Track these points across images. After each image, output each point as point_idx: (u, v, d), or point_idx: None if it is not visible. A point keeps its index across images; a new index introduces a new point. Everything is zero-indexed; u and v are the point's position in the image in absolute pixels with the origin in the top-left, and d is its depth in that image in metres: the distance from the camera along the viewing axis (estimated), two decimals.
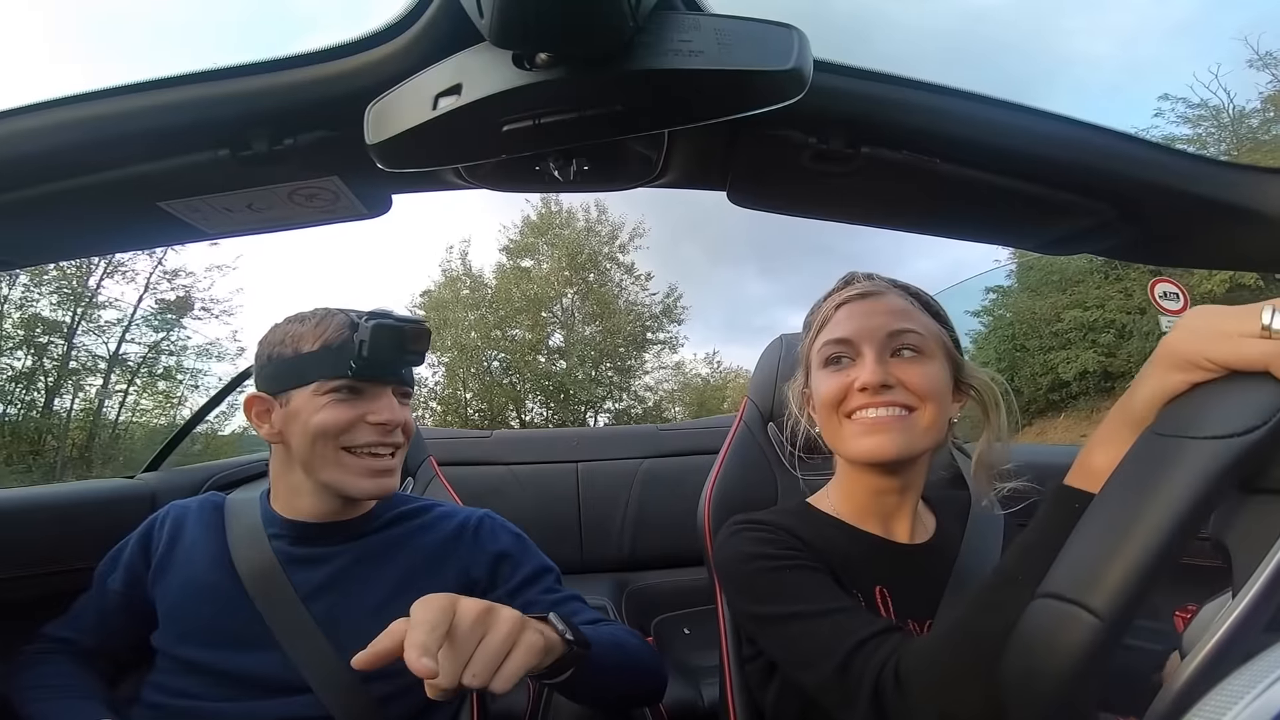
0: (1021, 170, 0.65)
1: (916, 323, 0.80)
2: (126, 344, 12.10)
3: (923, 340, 0.79)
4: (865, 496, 0.84)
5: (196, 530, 0.93)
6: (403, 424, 0.91)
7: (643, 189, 0.74)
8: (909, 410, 0.77)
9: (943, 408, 0.78)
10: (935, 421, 0.77)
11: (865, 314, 0.81)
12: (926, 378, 0.77)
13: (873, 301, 0.82)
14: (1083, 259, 9.23)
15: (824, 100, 0.55)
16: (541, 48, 0.43)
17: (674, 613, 1.92)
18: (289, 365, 0.88)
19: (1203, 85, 12.65)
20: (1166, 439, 0.43)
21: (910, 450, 0.77)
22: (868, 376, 0.76)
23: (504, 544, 1.00)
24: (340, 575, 0.91)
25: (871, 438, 0.77)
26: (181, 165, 0.59)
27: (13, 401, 11.13)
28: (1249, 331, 0.41)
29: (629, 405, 18.89)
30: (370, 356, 0.85)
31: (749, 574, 0.78)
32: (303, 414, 0.87)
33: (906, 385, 0.77)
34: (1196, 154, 0.67)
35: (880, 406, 0.77)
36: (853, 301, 0.83)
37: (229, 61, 0.53)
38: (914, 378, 0.77)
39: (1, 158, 0.56)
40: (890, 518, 0.84)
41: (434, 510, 1.01)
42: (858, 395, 0.78)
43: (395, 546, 0.95)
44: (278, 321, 0.94)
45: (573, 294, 18.42)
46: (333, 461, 0.87)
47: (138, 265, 12.00)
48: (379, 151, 0.50)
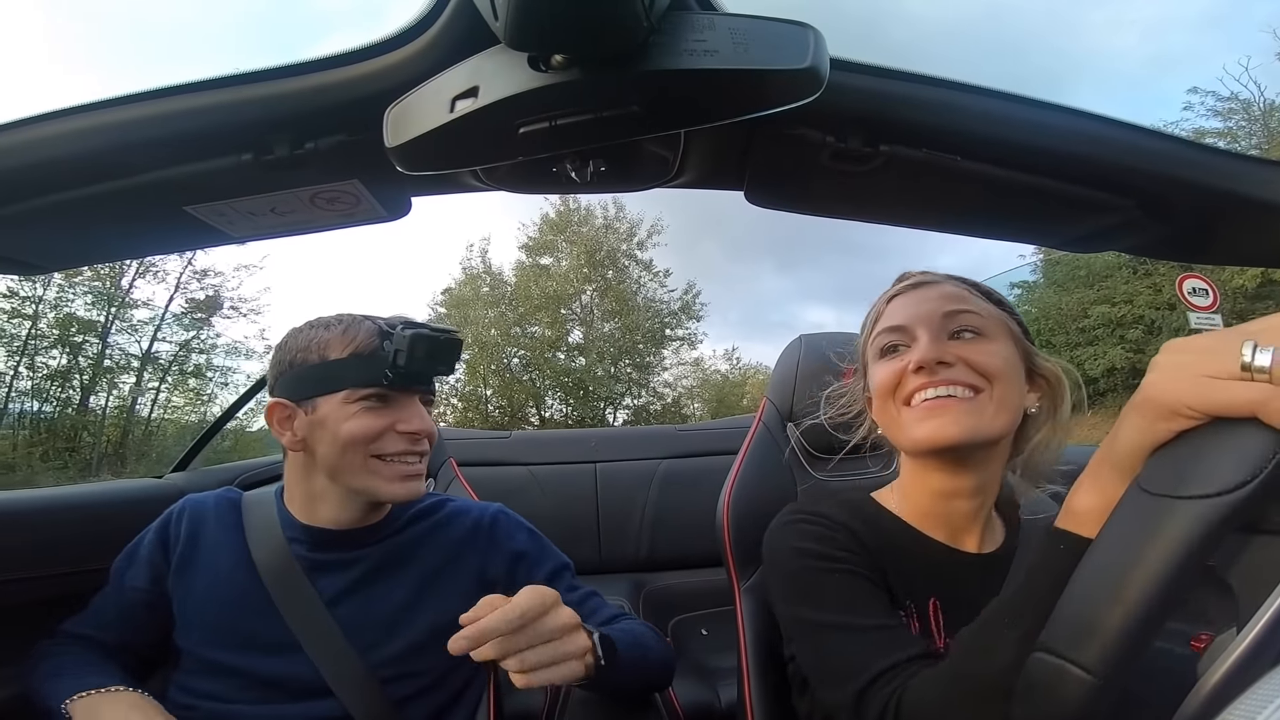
0: (1045, 167, 0.63)
1: (974, 305, 0.75)
2: (158, 342, 12.41)
3: (982, 321, 0.74)
4: (930, 500, 0.77)
5: (217, 531, 0.93)
6: (430, 432, 0.92)
7: (660, 189, 0.74)
8: (974, 391, 0.70)
9: (1013, 390, 0.72)
10: (1005, 403, 0.70)
11: (918, 300, 0.77)
12: (990, 355, 0.71)
13: (925, 289, 0.78)
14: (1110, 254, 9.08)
15: (841, 98, 0.55)
16: (556, 49, 0.43)
17: (691, 613, 1.92)
18: (315, 372, 0.87)
19: (1233, 78, 12.35)
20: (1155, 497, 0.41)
21: (977, 434, 0.69)
22: (921, 353, 0.71)
23: (520, 543, 1.01)
24: (362, 580, 0.91)
25: (931, 420, 0.71)
26: (207, 170, 0.60)
27: (49, 399, 11.46)
28: (1229, 373, 0.39)
29: (648, 402, 18.90)
30: (405, 366, 0.85)
31: (795, 571, 0.75)
32: (331, 422, 0.86)
33: (968, 362, 0.71)
34: (1225, 149, 0.65)
35: (940, 385, 0.71)
36: (905, 292, 0.80)
37: (249, 66, 0.54)
38: (976, 355, 0.71)
39: (31, 163, 0.57)
40: (959, 525, 0.77)
41: (446, 507, 1.02)
42: (913, 378, 0.72)
43: (413, 548, 0.96)
44: (297, 326, 0.93)
45: (591, 291, 18.46)
46: (362, 469, 0.87)
47: (168, 265, 12.30)
48: (398, 154, 0.50)
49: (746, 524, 1.08)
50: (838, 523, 0.77)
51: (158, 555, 0.93)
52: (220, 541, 0.92)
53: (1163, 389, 0.42)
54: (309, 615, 0.87)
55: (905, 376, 0.73)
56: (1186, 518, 0.39)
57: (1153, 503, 0.41)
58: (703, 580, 1.95)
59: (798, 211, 0.75)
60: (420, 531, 0.97)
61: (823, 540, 0.75)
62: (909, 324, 0.76)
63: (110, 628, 0.93)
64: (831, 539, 0.75)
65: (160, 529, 0.95)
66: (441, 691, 0.92)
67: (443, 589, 0.94)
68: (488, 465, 2.09)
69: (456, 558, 0.97)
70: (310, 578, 0.89)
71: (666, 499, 2.09)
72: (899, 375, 0.74)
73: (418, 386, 0.90)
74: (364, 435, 0.86)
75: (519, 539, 1.01)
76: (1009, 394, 0.71)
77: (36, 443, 10.93)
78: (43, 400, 11.35)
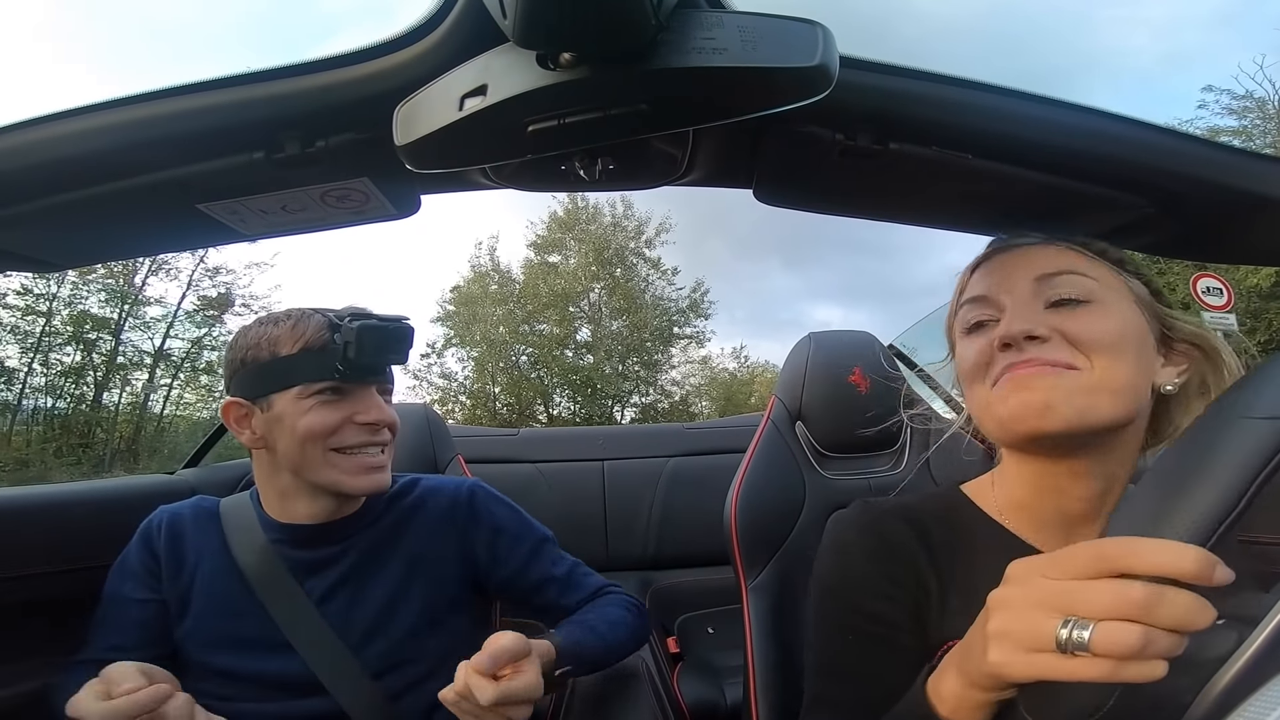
0: (1057, 165, 0.63)
1: (1079, 266, 0.63)
2: (171, 339, 12.54)
3: (1090, 286, 0.61)
4: (1034, 497, 0.65)
5: (197, 539, 0.92)
6: (389, 422, 0.91)
7: (668, 187, 0.74)
8: (1076, 371, 0.58)
9: (1127, 365, 0.59)
10: (1115, 382, 0.58)
11: (1006, 266, 0.66)
12: (1095, 324, 0.59)
13: (1016, 252, 0.66)
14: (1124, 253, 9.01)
15: (851, 96, 0.54)
16: (565, 47, 0.43)
17: (698, 611, 1.91)
18: (267, 369, 0.87)
19: (1248, 76, 12.22)
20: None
21: (1073, 415, 0.56)
22: (1006, 325, 0.60)
23: (500, 517, 1.00)
24: (349, 575, 0.91)
25: (1015, 395, 0.59)
26: (218, 168, 0.60)
27: (63, 396, 11.60)
28: (1044, 645, 0.39)
29: (656, 400, 18.95)
30: (355, 358, 0.84)
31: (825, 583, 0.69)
32: (287, 418, 0.86)
33: (1065, 334, 0.59)
34: (1240, 148, 0.64)
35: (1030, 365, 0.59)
36: (993, 257, 0.68)
37: (258, 65, 0.54)
38: (1075, 325, 0.59)
39: (45, 162, 0.58)
40: (1074, 528, 0.63)
41: (420, 485, 1.01)
42: (1002, 355, 0.61)
43: (395, 535, 0.95)
44: (246, 325, 0.92)
45: (600, 289, 18.51)
46: (323, 462, 0.87)
47: (181, 263, 12.47)
48: (407, 152, 0.51)
49: (754, 523, 1.08)
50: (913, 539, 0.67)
51: (150, 563, 0.92)
52: (202, 549, 0.92)
53: (993, 663, 0.42)
54: (298, 615, 0.87)
55: (994, 356, 0.62)
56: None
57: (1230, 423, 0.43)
58: (710, 578, 1.94)
59: (807, 210, 0.75)
60: (398, 516, 0.97)
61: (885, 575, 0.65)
62: (993, 294, 0.64)
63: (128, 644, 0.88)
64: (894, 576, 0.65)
65: (143, 540, 0.94)
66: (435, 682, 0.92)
67: (428, 573, 0.94)
68: (495, 462, 2.10)
69: (437, 539, 0.96)
70: (297, 578, 0.89)
71: (674, 497, 2.09)
72: (986, 353, 0.62)
73: (373, 377, 0.90)
74: (321, 429, 0.86)
75: (498, 513, 1.01)
76: (1121, 370, 0.58)
77: (50, 438, 11.07)
78: (57, 396, 11.49)
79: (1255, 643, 0.38)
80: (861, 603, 0.65)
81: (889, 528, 0.68)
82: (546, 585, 0.99)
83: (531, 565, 0.99)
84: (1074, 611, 0.38)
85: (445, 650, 0.90)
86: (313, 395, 0.86)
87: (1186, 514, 0.42)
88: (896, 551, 0.66)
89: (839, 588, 0.67)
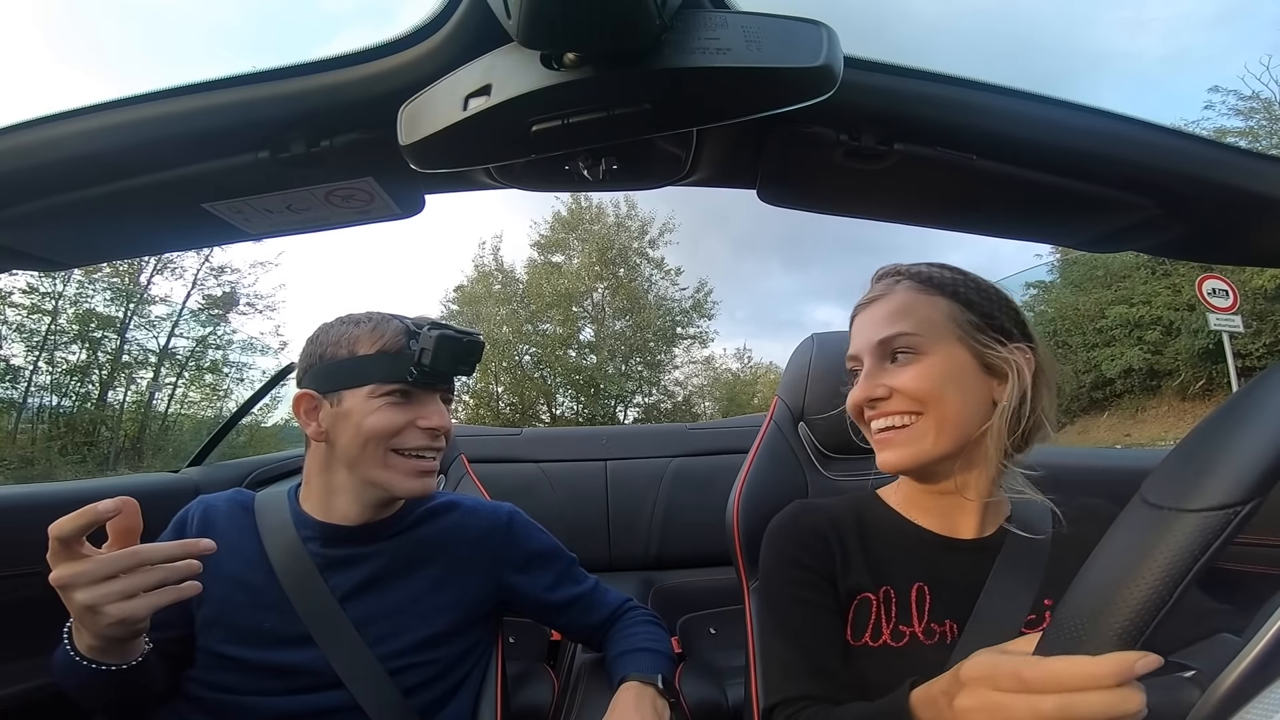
0: (1062, 166, 0.62)
1: (912, 318, 0.77)
2: (175, 338, 12.58)
3: (917, 339, 0.76)
4: (921, 495, 0.83)
5: (229, 531, 0.94)
6: (449, 429, 0.95)
7: (672, 187, 0.74)
8: (915, 416, 0.75)
9: (954, 403, 0.74)
10: (947, 420, 0.74)
11: (864, 324, 0.81)
12: (920, 378, 0.75)
13: (873, 308, 0.81)
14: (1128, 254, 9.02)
15: (855, 96, 0.54)
16: (569, 47, 0.43)
17: (700, 612, 1.91)
18: (343, 366, 0.90)
19: (1254, 77, 12.17)
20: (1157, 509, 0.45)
21: (922, 459, 0.75)
22: (854, 394, 0.79)
23: (536, 543, 1.06)
24: (375, 577, 0.93)
25: (882, 453, 0.77)
26: (224, 167, 0.60)
27: (68, 394, 11.64)
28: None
29: (659, 400, 18.95)
30: (430, 365, 0.88)
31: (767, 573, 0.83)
32: (355, 414, 0.89)
33: (902, 391, 0.75)
34: (1246, 149, 0.64)
35: (880, 418, 0.77)
36: (860, 312, 0.84)
37: (262, 65, 0.54)
38: (906, 381, 0.75)
39: (50, 161, 0.58)
40: (951, 514, 0.81)
41: (460, 507, 1.05)
42: (867, 408, 0.79)
43: (427, 546, 0.98)
44: (328, 322, 0.96)
45: (603, 289, 18.51)
46: (380, 462, 0.90)
47: (186, 262, 12.50)
48: (411, 152, 0.51)
49: (756, 523, 1.07)
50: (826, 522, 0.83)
51: None
52: (235, 542, 0.93)
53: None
54: (322, 610, 0.89)
55: (862, 405, 0.80)
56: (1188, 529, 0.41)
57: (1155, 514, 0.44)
58: (712, 579, 1.94)
59: (811, 210, 0.75)
60: (434, 529, 1.00)
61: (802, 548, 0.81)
62: (858, 353, 0.81)
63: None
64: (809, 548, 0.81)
65: (177, 528, 0.96)
66: (448, 680, 0.95)
67: (455, 587, 0.97)
68: (499, 462, 2.10)
69: (471, 555, 0.99)
70: (323, 575, 0.91)
71: (677, 497, 2.09)
72: (857, 404, 0.80)
73: (440, 385, 0.93)
74: (386, 429, 0.89)
75: (535, 539, 1.06)
76: (950, 410, 0.74)
77: (55, 436, 11.11)
78: (62, 395, 11.53)
79: (1259, 645, 0.37)
80: (788, 573, 0.80)
81: (806, 518, 0.84)
82: (571, 605, 1.05)
83: (558, 588, 1.04)
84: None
85: (458, 657, 0.95)
86: (383, 396, 0.89)
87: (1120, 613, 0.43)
88: (811, 534, 0.82)
89: (776, 568, 0.82)
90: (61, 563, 0.67)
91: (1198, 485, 0.44)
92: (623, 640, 1.02)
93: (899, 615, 0.76)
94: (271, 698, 0.86)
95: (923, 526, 0.81)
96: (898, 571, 0.78)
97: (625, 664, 0.96)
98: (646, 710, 0.88)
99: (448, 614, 0.95)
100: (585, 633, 1.07)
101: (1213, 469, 0.43)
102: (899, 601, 0.77)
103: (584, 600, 1.05)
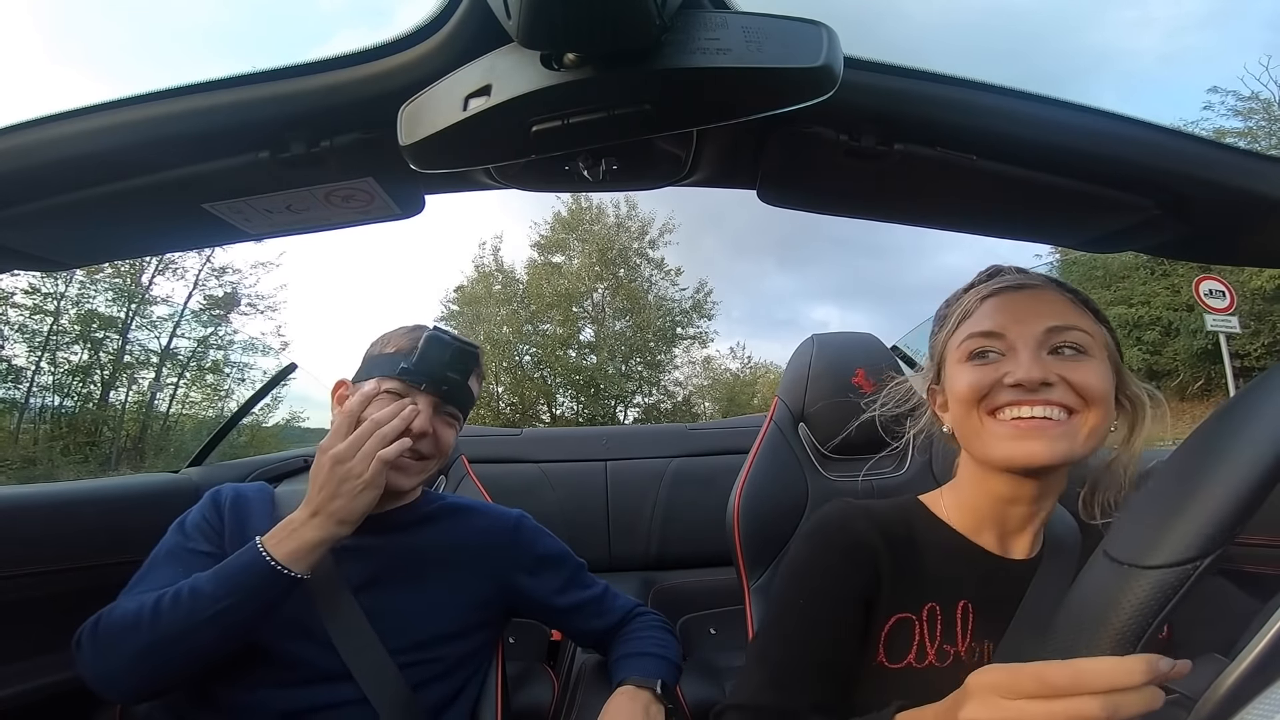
0: (1063, 166, 0.62)
1: (1080, 320, 0.72)
2: (177, 339, 12.58)
3: (1087, 339, 0.70)
4: (989, 504, 0.76)
5: (261, 520, 0.95)
6: (436, 438, 0.95)
7: (672, 187, 0.74)
8: (1068, 412, 0.68)
9: (1108, 413, 0.70)
10: (1098, 429, 0.69)
11: (1019, 306, 0.73)
12: (1093, 375, 0.68)
13: (1029, 294, 0.74)
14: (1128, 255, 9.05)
15: (855, 96, 0.54)
16: (569, 48, 0.43)
17: (700, 612, 1.91)
18: (371, 360, 0.98)
19: (1253, 77, 12.17)
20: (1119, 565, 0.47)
21: (1069, 459, 0.68)
22: (1024, 372, 0.68)
23: (544, 547, 1.07)
24: (386, 569, 0.95)
25: (1025, 443, 0.68)
26: (224, 168, 0.60)
27: (70, 394, 11.64)
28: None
29: (659, 400, 18.95)
30: (416, 364, 0.92)
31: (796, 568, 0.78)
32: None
33: (1070, 384, 0.68)
34: (1247, 149, 0.64)
35: (1036, 405, 0.68)
36: (1004, 293, 0.75)
37: (263, 65, 0.54)
38: (1078, 375, 0.68)
39: (50, 161, 0.58)
40: (1011, 531, 0.76)
41: (470, 510, 1.07)
42: (1007, 391, 0.69)
43: (436, 547, 0.99)
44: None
45: (603, 289, 18.52)
46: None
47: (187, 263, 12.53)
48: (412, 153, 0.51)
49: (757, 523, 1.08)
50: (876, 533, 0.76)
51: (216, 521, 0.95)
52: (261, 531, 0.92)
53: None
54: (336, 603, 0.90)
55: (997, 388, 0.70)
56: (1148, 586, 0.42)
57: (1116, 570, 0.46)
58: (712, 579, 1.94)
59: (811, 210, 0.75)
60: (443, 531, 1.01)
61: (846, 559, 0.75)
62: (1006, 332, 0.71)
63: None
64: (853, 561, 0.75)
65: (211, 502, 0.98)
66: (452, 680, 0.96)
67: (464, 586, 0.98)
68: (499, 462, 2.10)
69: (480, 557, 1.01)
70: (337, 562, 0.92)
71: (677, 497, 2.09)
72: (990, 385, 0.71)
73: (428, 387, 0.94)
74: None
75: (544, 543, 1.08)
76: (1104, 419, 0.69)
77: (57, 437, 11.11)
78: (64, 395, 11.53)
79: (1259, 646, 0.37)
80: (822, 583, 0.75)
81: (857, 525, 0.77)
82: (579, 610, 1.06)
83: (566, 592, 1.05)
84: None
85: (463, 657, 0.97)
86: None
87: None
88: (860, 544, 0.75)
89: (806, 572, 0.77)
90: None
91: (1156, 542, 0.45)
92: (628, 644, 1.02)
93: (944, 634, 0.73)
94: (280, 689, 0.86)
95: (975, 543, 0.77)
96: (945, 589, 0.74)
97: (625, 667, 0.97)
98: (638, 715, 0.88)
99: (456, 614, 0.96)
100: (594, 638, 1.08)
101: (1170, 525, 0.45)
102: (944, 620, 0.73)
103: (592, 605, 1.06)
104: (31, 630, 1.05)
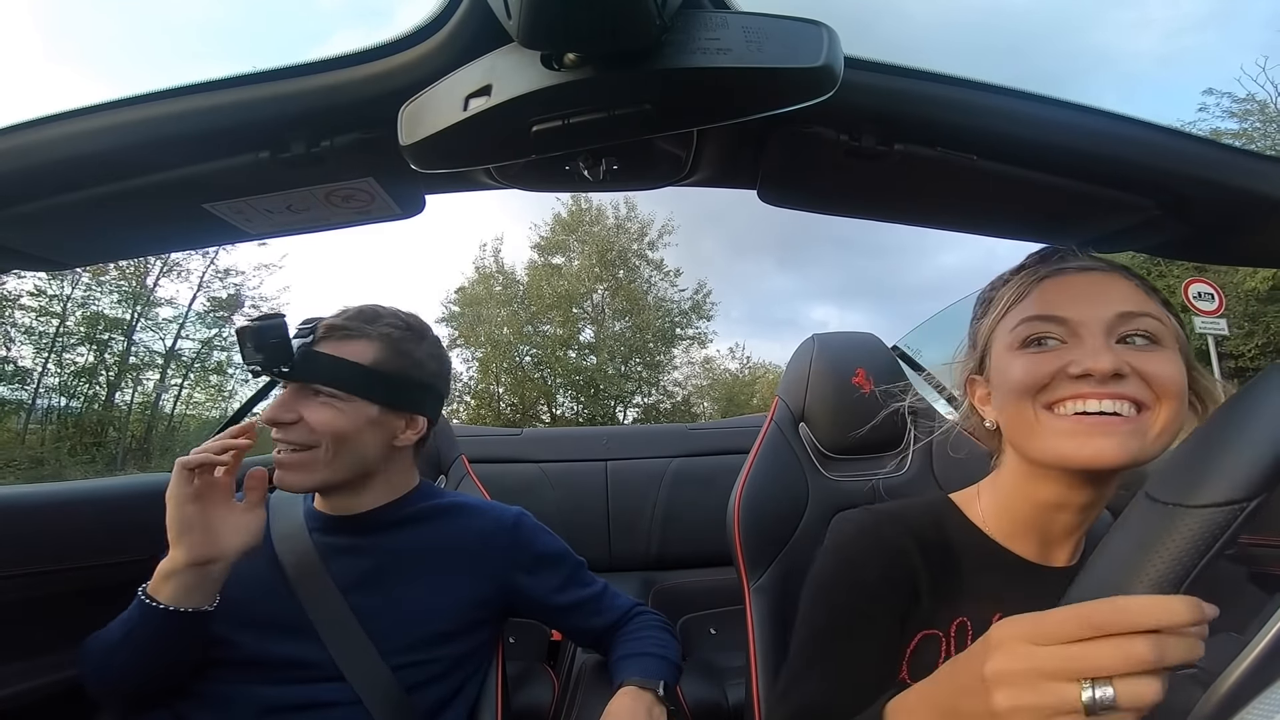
0: (1062, 166, 0.62)
1: (1152, 307, 0.64)
2: (181, 340, 12.63)
3: (1161, 329, 0.63)
4: (1032, 510, 0.69)
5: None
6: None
7: (672, 187, 0.74)
8: (1139, 409, 0.60)
9: (1182, 410, 0.62)
10: (1169, 427, 0.61)
11: (1084, 289, 0.65)
12: (1166, 368, 0.61)
13: (1095, 277, 0.66)
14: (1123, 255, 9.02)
15: (855, 97, 0.54)
16: (569, 48, 0.43)
17: (700, 612, 1.91)
18: None
19: (1249, 79, 12.17)
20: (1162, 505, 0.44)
21: (1137, 460, 0.60)
22: (1093, 361, 0.60)
23: (543, 545, 1.05)
24: (379, 569, 0.94)
25: (1091, 441, 0.60)
26: (225, 168, 0.60)
27: (77, 395, 11.69)
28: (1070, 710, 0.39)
29: (658, 400, 18.98)
30: (247, 361, 0.88)
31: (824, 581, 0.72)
32: None
33: (1144, 376, 0.60)
34: (1245, 149, 0.64)
35: (1105, 399, 0.60)
36: (1066, 274, 0.67)
37: (266, 65, 0.54)
38: (1154, 367, 0.60)
39: (52, 161, 0.58)
40: (1054, 538, 0.70)
41: (467, 508, 1.05)
42: (1071, 383, 0.61)
43: (432, 546, 0.98)
44: None
45: (603, 290, 18.54)
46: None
47: (191, 265, 12.58)
48: (412, 152, 0.51)
49: (757, 524, 1.07)
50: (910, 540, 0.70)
51: None
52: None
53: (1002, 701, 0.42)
54: (326, 603, 0.89)
55: (1059, 379, 0.62)
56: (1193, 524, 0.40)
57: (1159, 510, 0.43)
58: (712, 579, 1.94)
59: (811, 210, 0.75)
60: (440, 529, 1.00)
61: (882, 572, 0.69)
62: (1071, 316, 0.63)
63: None
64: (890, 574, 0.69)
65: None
66: (450, 679, 0.95)
67: (462, 585, 0.97)
68: (499, 462, 2.10)
69: (478, 556, 0.99)
70: (328, 562, 0.92)
71: (677, 497, 2.08)
72: (1051, 375, 0.62)
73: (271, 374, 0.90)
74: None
75: (543, 542, 1.06)
76: (1178, 416, 0.61)
77: (65, 437, 11.16)
78: (71, 396, 11.57)
79: (1259, 645, 0.37)
80: (855, 602, 0.69)
81: (890, 533, 0.71)
82: (578, 608, 1.05)
83: (566, 590, 1.04)
84: (1089, 674, 0.39)
85: (462, 657, 0.95)
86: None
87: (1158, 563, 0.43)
88: (896, 557, 0.69)
89: (835, 586, 0.71)
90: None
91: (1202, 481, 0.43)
92: (629, 644, 1.01)
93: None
94: (271, 687, 0.86)
95: (1014, 552, 0.70)
96: (978, 603, 0.68)
97: (627, 668, 0.96)
98: (641, 716, 0.87)
99: (453, 613, 0.95)
100: (593, 636, 1.07)
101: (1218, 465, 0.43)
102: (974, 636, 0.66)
103: (591, 604, 1.05)
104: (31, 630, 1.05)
